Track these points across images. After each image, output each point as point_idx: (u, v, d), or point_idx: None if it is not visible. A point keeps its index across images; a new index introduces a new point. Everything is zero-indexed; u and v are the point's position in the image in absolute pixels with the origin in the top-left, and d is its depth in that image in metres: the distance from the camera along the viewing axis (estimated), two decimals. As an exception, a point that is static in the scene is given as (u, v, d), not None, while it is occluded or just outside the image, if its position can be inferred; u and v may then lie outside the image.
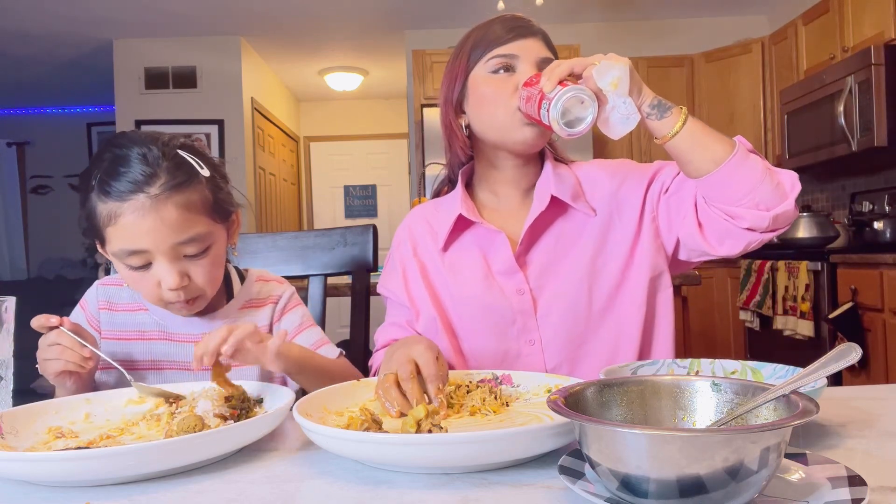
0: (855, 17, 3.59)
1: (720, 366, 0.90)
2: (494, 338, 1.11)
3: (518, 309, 1.10)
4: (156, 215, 0.93)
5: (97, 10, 4.60)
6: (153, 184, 0.93)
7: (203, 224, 0.98)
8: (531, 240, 1.13)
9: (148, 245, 0.94)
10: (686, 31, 5.10)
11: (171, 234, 0.94)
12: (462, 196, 1.16)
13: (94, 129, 6.77)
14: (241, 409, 0.84)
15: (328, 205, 7.37)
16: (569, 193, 1.13)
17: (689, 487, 0.49)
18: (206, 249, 0.99)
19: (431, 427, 0.71)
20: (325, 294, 1.46)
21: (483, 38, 1.12)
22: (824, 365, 0.60)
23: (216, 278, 1.03)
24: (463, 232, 1.16)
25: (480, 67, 1.11)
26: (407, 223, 1.25)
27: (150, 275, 0.97)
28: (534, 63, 1.09)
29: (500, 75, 1.09)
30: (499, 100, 1.08)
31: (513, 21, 1.12)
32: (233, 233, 1.09)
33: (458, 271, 1.15)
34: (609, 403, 0.63)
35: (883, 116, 3.22)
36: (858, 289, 3.06)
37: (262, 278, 1.18)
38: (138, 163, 0.94)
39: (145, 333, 1.09)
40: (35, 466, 0.64)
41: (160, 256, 0.96)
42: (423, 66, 4.75)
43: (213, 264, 1.01)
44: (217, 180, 1.02)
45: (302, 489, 0.64)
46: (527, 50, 1.09)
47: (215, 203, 1.01)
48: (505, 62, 1.09)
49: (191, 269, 0.99)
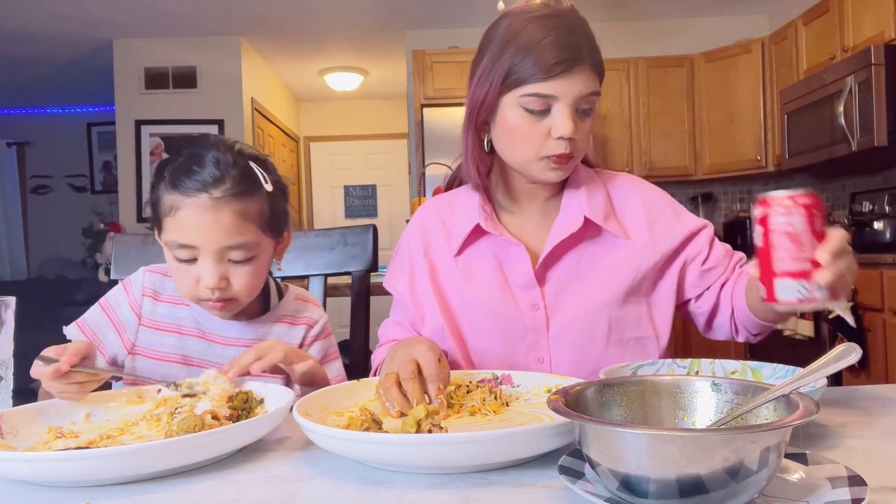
0: (855, 17, 3.59)
1: (720, 366, 0.90)
2: (503, 350, 1.08)
3: (531, 325, 1.07)
4: (213, 216, 0.98)
5: (97, 10, 4.59)
6: (218, 187, 0.99)
7: (253, 233, 1.02)
8: (553, 254, 1.09)
9: (198, 242, 0.99)
10: (686, 31, 5.10)
11: (222, 236, 0.99)
12: (481, 200, 1.12)
13: (94, 129, 6.77)
14: (241, 409, 0.84)
15: (328, 205, 7.37)
16: (601, 213, 1.09)
17: (689, 487, 0.49)
18: (251, 258, 1.03)
19: (431, 427, 0.71)
20: (325, 294, 1.46)
21: (524, 61, 0.99)
22: (824, 365, 0.60)
23: (254, 287, 1.06)
24: (479, 237, 1.12)
25: (513, 95, 1.01)
26: (419, 217, 1.20)
27: (192, 269, 1.01)
28: (571, 104, 1.00)
29: (534, 115, 1.01)
30: (527, 141, 1.02)
31: (561, 50, 0.98)
32: (281, 249, 1.12)
33: (472, 277, 1.11)
34: (609, 403, 0.63)
35: (883, 116, 3.22)
36: (858, 289, 3.06)
37: (302, 298, 1.20)
38: (211, 165, 1.00)
39: (182, 328, 1.11)
40: (35, 466, 0.64)
41: (206, 255, 1.00)
42: (423, 66, 4.75)
43: (254, 273, 1.04)
44: (277, 197, 1.07)
45: (302, 489, 0.64)
46: (570, 90, 0.99)
47: (271, 217, 1.05)
48: (541, 103, 1.00)
49: (232, 273, 1.02)
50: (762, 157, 4.55)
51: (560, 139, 1.01)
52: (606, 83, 4.87)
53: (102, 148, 6.72)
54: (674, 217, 1.13)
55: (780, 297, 0.75)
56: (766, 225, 0.75)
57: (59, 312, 5.33)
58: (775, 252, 0.75)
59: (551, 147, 1.02)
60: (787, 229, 0.74)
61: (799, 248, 0.73)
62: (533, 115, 1.01)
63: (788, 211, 0.73)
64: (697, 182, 5.04)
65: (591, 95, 1.02)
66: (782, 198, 0.74)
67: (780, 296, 0.75)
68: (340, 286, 2.44)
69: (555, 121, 1.00)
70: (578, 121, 1.02)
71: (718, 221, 5.15)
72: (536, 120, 1.01)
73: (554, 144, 1.01)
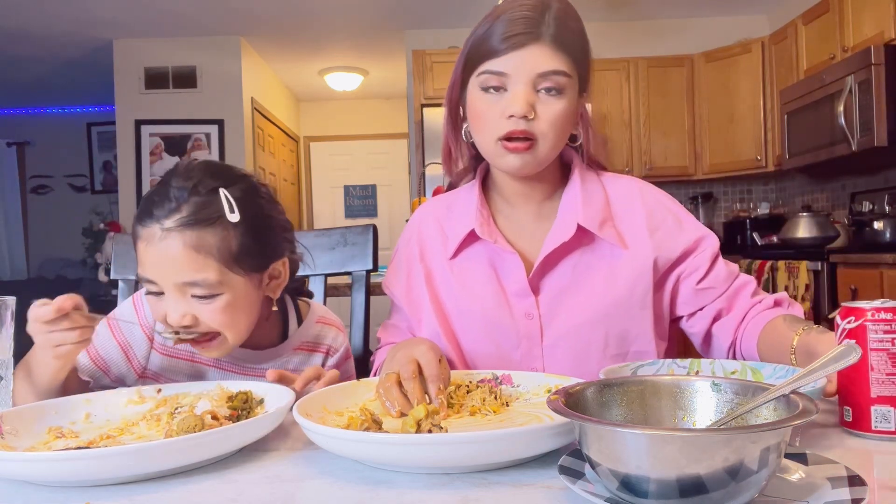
0: (855, 17, 3.59)
1: (720, 366, 0.90)
2: (497, 357, 1.07)
3: (524, 333, 1.06)
4: (162, 248, 0.90)
5: (97, 10, 4.59)
6: (171, 217, 0.91)
7: (213, 270, 0.91)
8: (547, 262, 1.06)
9: (154, 276, 0.93)
10: (686, 31, 5.10)
11: (175, 271, 0.91)
12: (478, 204, 1.09)
13: (94, 129, 6.77)
14: (241, 409, 0.84)
15: (328, 205, 7.37)
16: (597, 220, 1.05)
17: (689, 487, 0.49)
18: (216, 295, 0.93)
19: (431, 427, 0.71)
20: (325, 294, 1.46)
21: (481, 43, 0.99)
22: (824, 365, 0.59)
23: (235, 324, 0.96)
24: (475, 241, 1.09)
25: (474, 80, 1.01)
26: (416, 220, 1.19)
27: (161, 305, 0.94)
28: (529, 82, 0.96)
29: (490, 94, 0.98)
30: (486, 122, 0.99)
31: (515, 24, 0.96)
32: (276, 286, 1.02)
33: (466, 282, 1.09)
34: (609, 403, 0.63)
35: (883, 116, 3.22)
36: (858, 289, 3.06)
37: (323, 320, 1.14)
38: (174, 193, 0.92)
39: (196, 356, 1.04)
40: (35, 466, 0.64)
41: (167, 290, 0.93)
42: (423, 66, 4.75)
43: (226, 312, 0.94)
44: (251, 228, 0.94)
45: (302, 489, 0.64)
46: (522, 66, 0.96)
47: (239, 252, 0.93)
48: (495, 81, 0.98)
49: (199, 310, 0.93)
50: (762, 157, 4.55)
51: (512, 117, 0.96)
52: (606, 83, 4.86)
53: (102, 148, 6.72)
54: (676, 226, 1.08)
55: (876, 426, 0.67)
56: (862, 341, 0.66)
57: (59, 312, 5.30)
58: (875, 374, 0.66)
59: (504, 125, 0.97)
60: (889, 348, 0.66)
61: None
62: (490, 94, 0.98)
63: (891, 325, 0.65)
64: (697, 182, 5.04)
65: (554, 74, 0.96)
66: (885, 309, 0.65)
67: (878, 425, 0.67)
68: (340, 286, 2.44)
69: (508, 99, 0.97)
70: (539, 101, 0.97)
71: (718, 221, 5.15)
72: (494, 100, 0.98)
73: (507, 122, 0.97)
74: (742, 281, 1.08)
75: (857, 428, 0.70)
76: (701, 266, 1.06)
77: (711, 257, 1.07)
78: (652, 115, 4.81)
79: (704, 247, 1.07)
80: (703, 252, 1.07)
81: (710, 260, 1.07)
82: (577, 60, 1.00)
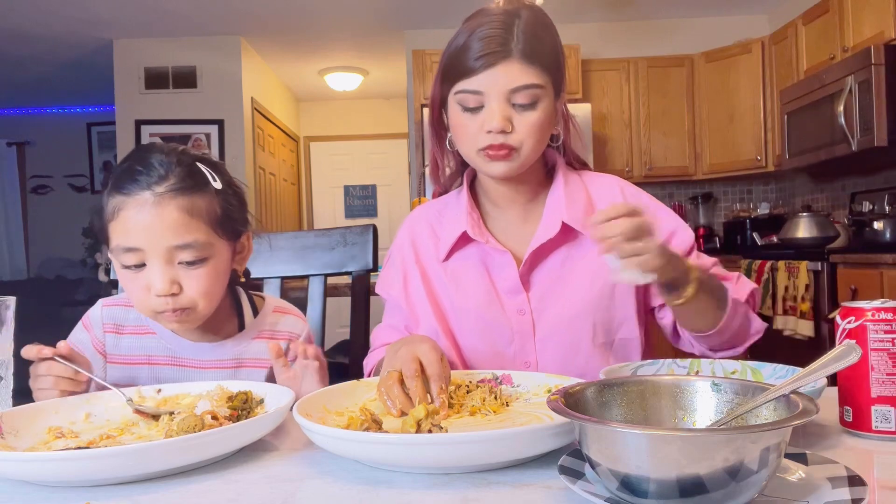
0: (855, 17, 3.59)
1: (720, 366, 0.90)
2: (491, 354, 1.10)
3: (517, 329, 1.09)
4: (155, 213, 0.94)
5: (97, 10, 4.59)
6: (161, 184, 0.95)
7: (203, 232, 0.97)
8: (535, 259, 1.10)
9: (143, 243, 0.94)
10: (686, 31, 5.09)
11: (168, 235, 0.94)
12: (468, 207, 1.13)
13: (94, 129, 6.77)
14: (241, 409, 0.84)
15: (328, 205, 7.36)
16: (581, 217, 1.09)
17: (689, 487, 0.49)
18: (204, 260, 0.98)
19: (431, 427, 0.71)
20: (325, 294, 1.46)
21: (455, 61, 1.03)
22: (824, 365, 0.59)
23: (213, 293, 1.00)
24: (467, 243, 1.13)
25: (451, 97, 1.05)
26: (409, 224, 1.22)
27: (141, 277, 0.96)
28: (503, 98, 1.00)
29: (469, 112, 1.03)
30: (466, 136, 1.04)
31: (486, 42, 1.00)
32: (242, 258, 1.08)
33: (460, 282, 1.12)
34: (609, 403, 0.63)
35: (883, 116, 3.22)
36: (858, 289, 3.06)
37: (280, 310, 1.16)
38: (154, 166, 0.96)
39: (153, 358, 1.06)
40: (35, 466, 0.64)
41: (153, 258, 0.95)
42: (423, 66, 4.75)
43: (209, 277, 0.99)
44: (230, 197, 1.03)
45: (302, 489, 0.64)
46: (495, 83, 1.00)
47: (223, 217, 1.01)
48: (472, 100, 1.02)
49: (184, 277, 0.97)
50: (762, 157, 4.55)
51: (490, 132, 1.01)
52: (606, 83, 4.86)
53: (102, 148, 6.72)
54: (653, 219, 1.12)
55: (877, 426, 0.68)
56: (863, 341, 0.66)
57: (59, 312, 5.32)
58: (875, 374, 0.66)
59: (482, 139, 1.02)
60: (889, 348, 0.66)
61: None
62: (468, 111, 1.02)
63: (891, 325, 0.65)
64: (697, 182, 5.04)
65: (527, 88, 1.00)
66: (886, 309, 0.66)
67: (878, 425, 0.67)
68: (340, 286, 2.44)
69: (485, 115, 1.01)
70: (515, 114, 1.01)
71: (718, 221, 5.15)
72: (473, 116, 1.02)
73: (485, 136, 1.02)
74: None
75: (857, 428, 0.70)
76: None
77: (685, 250, 1.09)
78: (652, 115, 4.81)
79: (676, 242, 1.10)
80: (675, 244, 1.09)
81: (684, 253, 1.09)
82: (549, 68, 1.03)
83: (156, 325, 1.07)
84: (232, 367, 1.07)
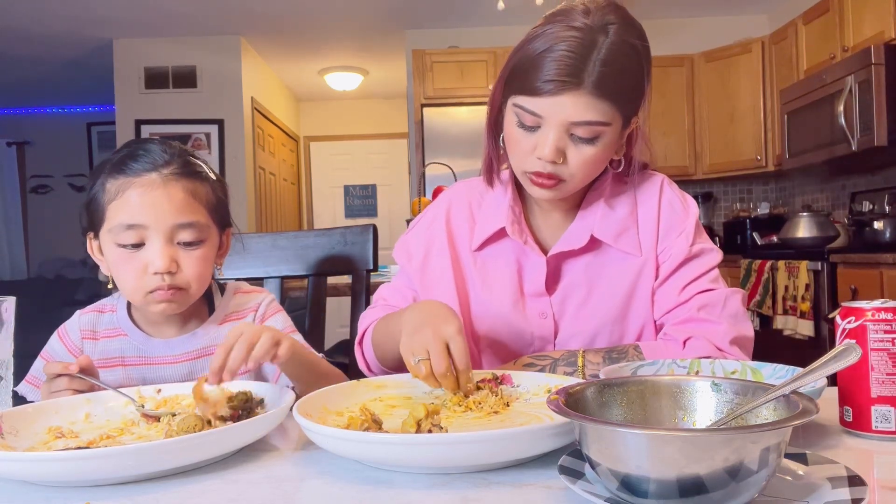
0: (855, 17, 3.59)
1: (720, 366, 0.90)
2: (508, 354, 1.09)
3: (538, 333, 1.08)
4: (163, 191, 0.98)
5: (97, 10, 4.59)
6: (168, 167, 1.00)
7: (203, 215, 1.03)
8: (559, 261, 1.08)
9: (147, 220, 0.97)
10: (686, 31, 5.10)
11: (173, 213, 0.98)
12: (511, 200, 1.09)
13: (94, 128, 6.77)
14: (241, 409, 0.84)
15: (328, 205, 7.37)
16: (613, 229, 1.06)
17: (689, 487, 0.49)
18: (201, 242, 1.02)
19: (431, 427, 0.71)
20: (325, 294, 1.46)
21: (521, 73, 0.95)
22: (824, 365, 0.59)
23: (204, 277, 1.04)
24: (503, 237, 1.10)
25: (510, 105, 0.99)
26: (448, 198, 1.18)
27: (138, 256, 0.98)
28: (562, 128, 0.94)
29: (524, 129, 0.97)
30: (516, 151, 1.00)
31: (558, 65, 0.91)
32: (221, 253, 1.11)
33: (487, 277, 1.10)
34: (609, 403, 0.63)
35: (883, 116, 3.22)
36: (858, 288, 3.06)
37: (241, 290, 1.17)
38: (158, 151, 1.02)
39: (126, 359, 1.07)
40: (35, 466, 0.64)
41: (155, 236, 0.98)
42: (423, 65, 4.75)
43: (204, 260, 1.03)
44: (220, 190, 1.09)
45: (302, 489, 0.64)
46: (557, 113, 0.93)
47: (217, 205, 1.06)
48: (529, 120, 0.95)
49: (183, 258, 1.00)
50: (762, 157, 4.55)
51: (540, 159, 0.96)
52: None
53: (102, 148, 6.72)
54: (678, 238, 1.07)
55: (877, 426, 0.67)
56: (862, 341, 0.66)
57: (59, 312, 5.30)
58: (875, 374, 0.66)
59: (532, 163, 0.98)
60: (889, 348, 0.66)
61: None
62: (523, 128, 0.97)
63: (891, 325, 0.65)
64: (697, 182, 5.04)
65: (589, 125, 0.93)
66: (886, 309, 0.66)
67: (878, 425, 0.67)
68: (340, 286, 2.44)
69: (539, 139, 0.96)
70: (571, 145, 0.96)
71: (718, 221, 5.15)
72: (527, 133, 0.97)
73: (535, 161, 0.97)
74: (699, 302, 1.04)
75: (857, 428, 0.70)
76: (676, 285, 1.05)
77: (699, 272, 1.05)
78: (652, 115, 4.76)
79: (698, 264, 1.06)
80: (695, 269, 1.06)
81: (698, 274, 1.05)
82: (620, 102, 0.95)
83: (127, 326, 1.08)
84: (201, 357, 1.07)
